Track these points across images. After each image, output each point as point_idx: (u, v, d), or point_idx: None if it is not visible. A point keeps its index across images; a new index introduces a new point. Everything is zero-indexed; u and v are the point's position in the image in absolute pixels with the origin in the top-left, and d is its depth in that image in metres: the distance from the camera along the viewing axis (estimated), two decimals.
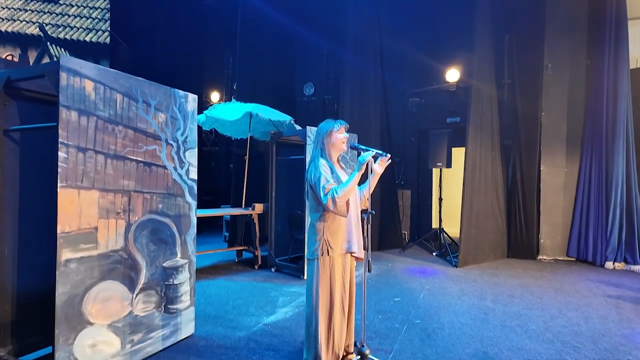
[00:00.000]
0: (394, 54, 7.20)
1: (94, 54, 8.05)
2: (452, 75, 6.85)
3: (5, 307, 2.48)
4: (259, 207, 5.54)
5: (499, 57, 6.31)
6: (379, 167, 2.51)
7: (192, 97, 3.12)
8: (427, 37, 7.15)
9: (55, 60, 2.98)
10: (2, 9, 7.55)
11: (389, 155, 2.49)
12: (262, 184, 6.30)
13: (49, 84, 2.27)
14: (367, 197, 2.58)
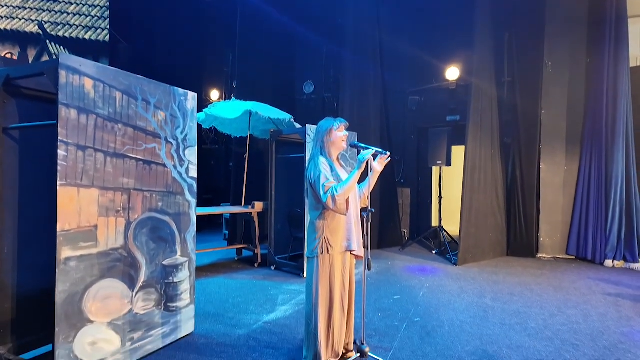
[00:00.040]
0: (394, 52, 7.19)
1: (93, 52, 8.03)
2: (452, 73, 6.84)
3: (5, 306, 2.48)
4: (259, 206, 5.54)
5: (499, 55, 6.30)
6: (379, 165, 2.51)
7: (192, 95, 3.12)
8: (427, 35, 7.14)
9: (54, 58, 2.98)
10: (1, 6, 7.52)
11: (388, 153, 2.49)
12: (262, 182, 6.30)
13: (48, 82, 2.27)
14: (367, 195, 2.59)
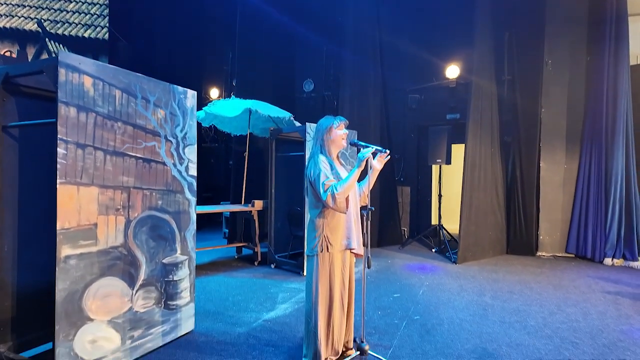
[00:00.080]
0: (394, 51, 7.18)
1: (92, 50, 8.02)
2: (452, 71, 6.84)
3: (5, 304, 2.49)
4: (259, 204, 5.54)
5: (499, 53, 6.29)
6: (378, 163, 2.51)
7: (192, 94, 3.12)
8: (427, 33, 7.13)
9: (53, 56, 2.97)
10: (0, 4, 7.51)
11: (387, 151, 2.49)
12: (261, 180, 6.30)
13: (47, 80, 2.26)
14: (367, 194, 2.59)
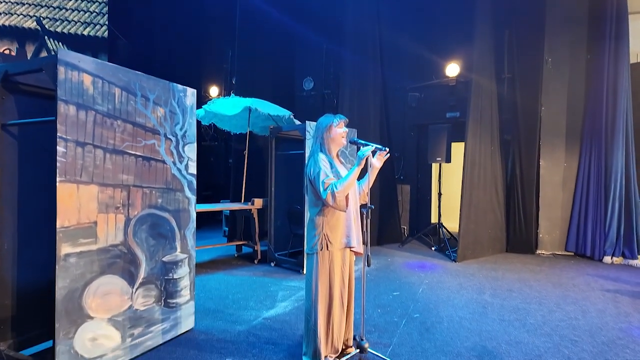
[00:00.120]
0: (394, 49, 7.17)
1: (92, 48, 8.00)
2: (452, 69, 6.83)
3: (5, 302, 2.49)
4: (259, 202, 5.54)
5: (499, 51, 6.29)
6: (377, 161, 2.51)
7: (191, 92, 3.11)
8: (427, 31, 7.12)
9: (53, 54, 2.97)
10: (0, 2, 7.49)
11: (387, 149, 2.50)
12: (261, 178, 6.30)
13: (47, 78, 2.26)
14: (366, 192, 2.59)
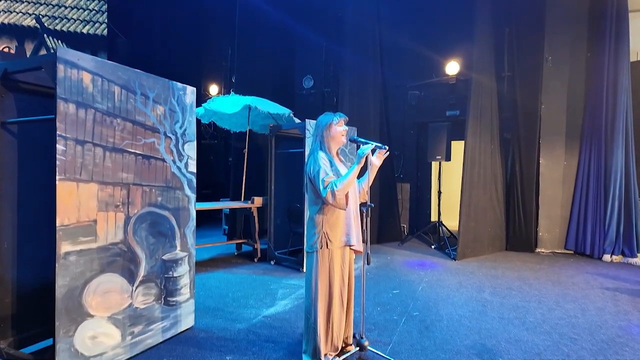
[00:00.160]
0: (394, 47, 7.16)
1: (91, 46, 7.99)
2: (452, 68, 6.82)
3: (5, 300, 2.49)
4: (258, 201, 5.54)
5: (499, 49, 6.28)
6: (377, 159, 2.51)
7: (191, 90, 3.11)
8: (427, 29, 7.11)
9: (52, 52, 2.96)
10: None
11: (386, 147, 2.49)
12: (261, 177, 6.30)
13: (46, 76, 2.25)
14: (366, 190, 2.59)
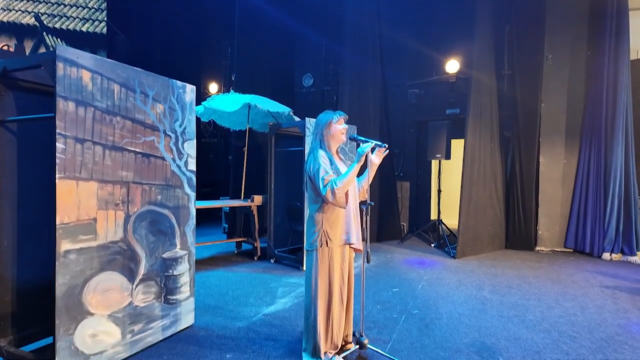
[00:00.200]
0: (394, 45, 7.15)
1: (90, 44, 7.98)
2: (452, 66, 6.81)
3: (5, 298, 2.49)
4: (258, 199, 5.54)
5: (499, 48, 6.27)
6: (376, 157, 2.51)
7: (190, 88, 3.11)
8: (427, 27, 7.10)
9: (51, 50, 2.96)
10: None
11: (386, 145, 2.50)
12: (261, 175, 6.30)
13: (45, 74, 2.25)
14: (366, 189, 2.59)
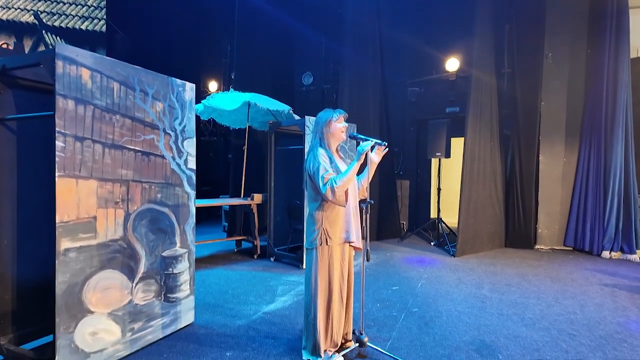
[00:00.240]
0: (394, 43, 7.14)
1: (90, 42, 7.96)
2: (452, 64, 6.80)
3: (5, 297, 2.49)
4: (258, 197, 5.54)
5: (499, 46, 6.26)
6: (376, 155, 2.52)
7: (190, 86, 3.10)
8: (427, 25, 7.09)
9: (50, 48, 2.95)
10: None
11: (385, 143, 2.50)
12: (260, 174, 6.29)
13: (45, 72, 2.24)
14: (366, 187, 2.59)
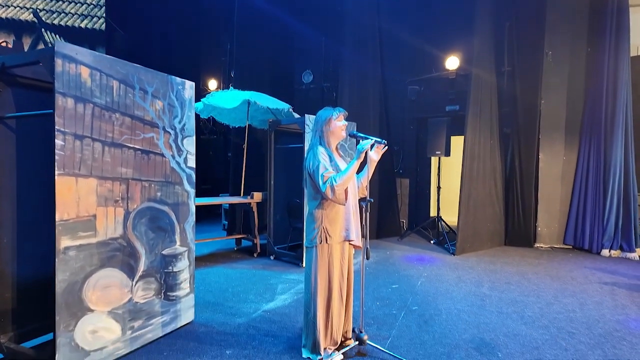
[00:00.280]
0: (393, 42, 7.12)
1: (89, 40, 7.94)
2: (452, 62, 6.79)
3: (5, 295, 2.50)
4: (258, 196, 5.54)
5: (499, 44, 6.25)
6: (375, 154, 2.52)
7: (190, 85, 3.10)
8: (427, 24, 7.07)
9: (50, 46, 2.95)
10: None
11: (385, 142, 2.50)
12: (260, 172, 6.29)
13: (44, 70, 2.24)
14: (365, 185, 2.59)
